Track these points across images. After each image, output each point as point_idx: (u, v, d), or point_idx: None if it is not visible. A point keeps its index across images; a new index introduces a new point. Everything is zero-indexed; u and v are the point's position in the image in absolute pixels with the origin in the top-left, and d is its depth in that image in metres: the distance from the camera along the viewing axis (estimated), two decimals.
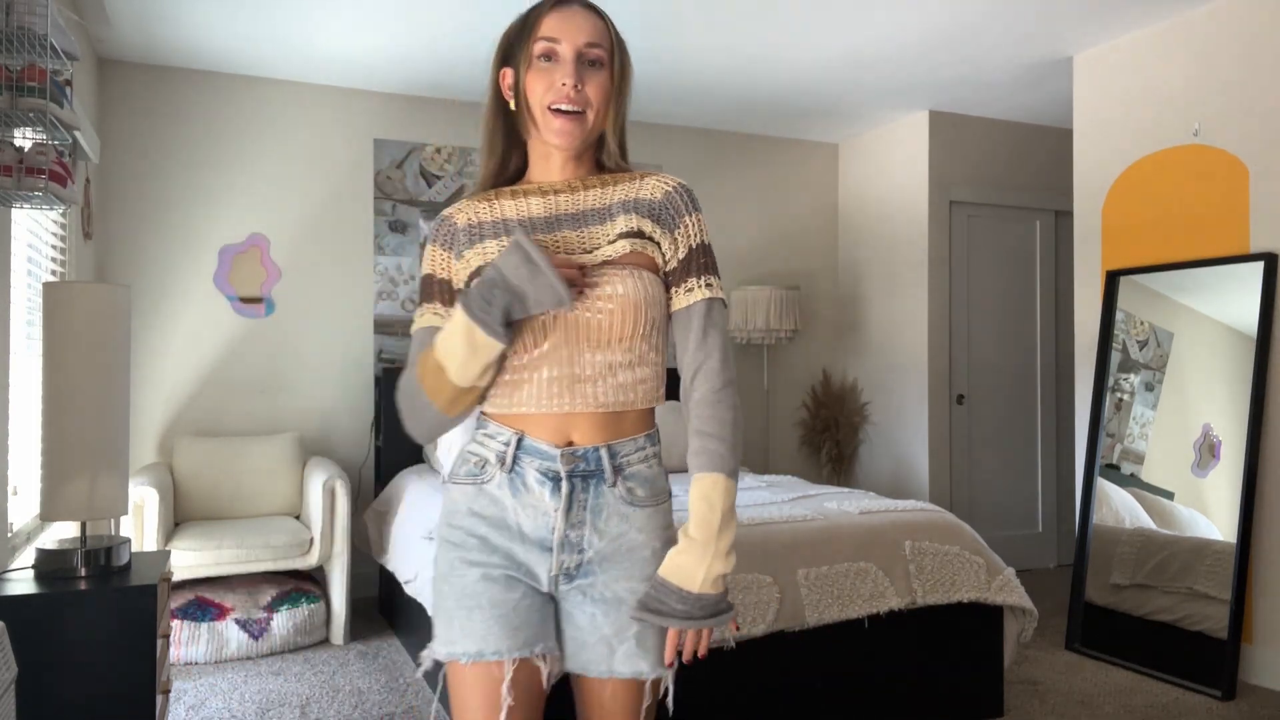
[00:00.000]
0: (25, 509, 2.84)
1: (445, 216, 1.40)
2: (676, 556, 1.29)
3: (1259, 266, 3.35)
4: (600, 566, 1.33)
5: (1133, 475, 3.68)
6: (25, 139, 2.37)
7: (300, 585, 3.83)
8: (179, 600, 3.60)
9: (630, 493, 1.33)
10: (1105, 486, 3.78)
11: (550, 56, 1.32)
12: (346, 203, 4.56)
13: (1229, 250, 3.49)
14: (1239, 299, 3.41)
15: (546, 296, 1.23)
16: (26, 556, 2.65)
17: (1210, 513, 3.39)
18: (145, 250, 4.21)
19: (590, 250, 1.34)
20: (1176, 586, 3.43)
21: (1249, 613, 3.36)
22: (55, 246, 3.26)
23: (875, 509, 3.03)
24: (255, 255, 4.39)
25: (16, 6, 2.07)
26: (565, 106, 1.31)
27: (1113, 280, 3.89)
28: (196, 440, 4.05)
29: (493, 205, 1.38)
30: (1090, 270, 4.07)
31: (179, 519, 3.95)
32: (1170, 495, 3.54)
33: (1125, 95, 3.92)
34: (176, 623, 3.53)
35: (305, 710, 3.07)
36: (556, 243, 1.34)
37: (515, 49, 1.36)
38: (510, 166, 1.43)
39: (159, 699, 2.26)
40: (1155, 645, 3.45)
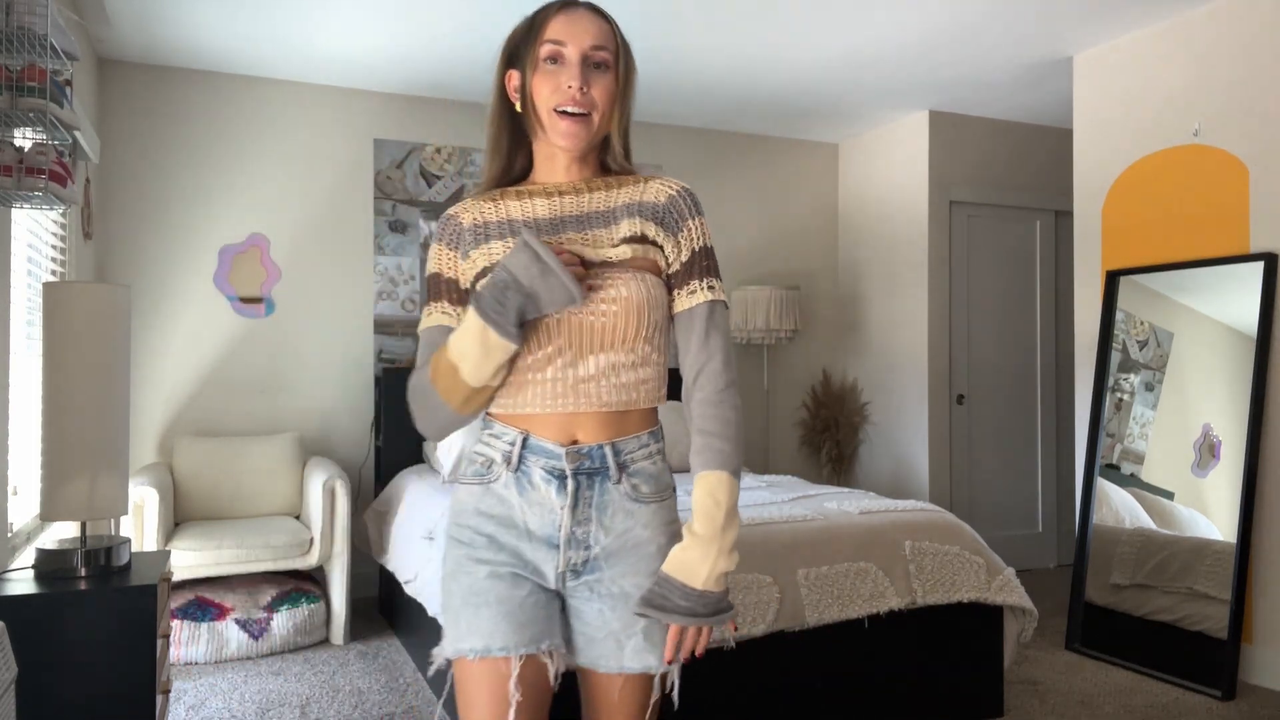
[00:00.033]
0: (25, 509, 2.84)
1: (450, 216, 1.41)
2: (681, 552, 1.30)
3: (1259, 266, 3.35)
4: (607, 563, 1.34)
5: (1133, 475, 3.68)
6: (25, 139, 2.37)
7: (300, 585, 3.83)
8: (179, 600, 3.60)
9: (635, 489, 1.35)
10: (1105, 486, 3.78)
11: (556, 59, 1.33)
12: (346, 203, 4.56)
13: (1229, 250, 3.49)
14: (1239, 299, 3.41)
15: (558, 295, 1.25)
16: (26, 556, 2.66)
17: (1210, 513, 3.39)
18: (145, 250, 4.21)
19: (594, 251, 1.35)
20: (1176, 586, 3.43)
21: (1249, 613, 3.36)
22: (55, 246, 3.26)
23: (875, 509, 3.03)
24: (255, 255, 4.39)
25: (16, 6, 2.07)
26: (571, 109, 1.32)
27: (1113, 280, 3.89)
28: (196, 440, 4.05)
29: (498, 205, 1.39)
30: (1090, 270, 4.07)
31: (179, 519, 3.95)
32: (1170, 495, 3.54)
33: (1125, 95, 3.92)
34: (176, 623, 3.53)
35: (305, 710, 3.07)
36: (560, 244, 1.35)
37: (521, 51, 1.37)
38: (515, 167, 1.44)
39: (159, 699, 2.26)
40: (1155, 645, 3.45)
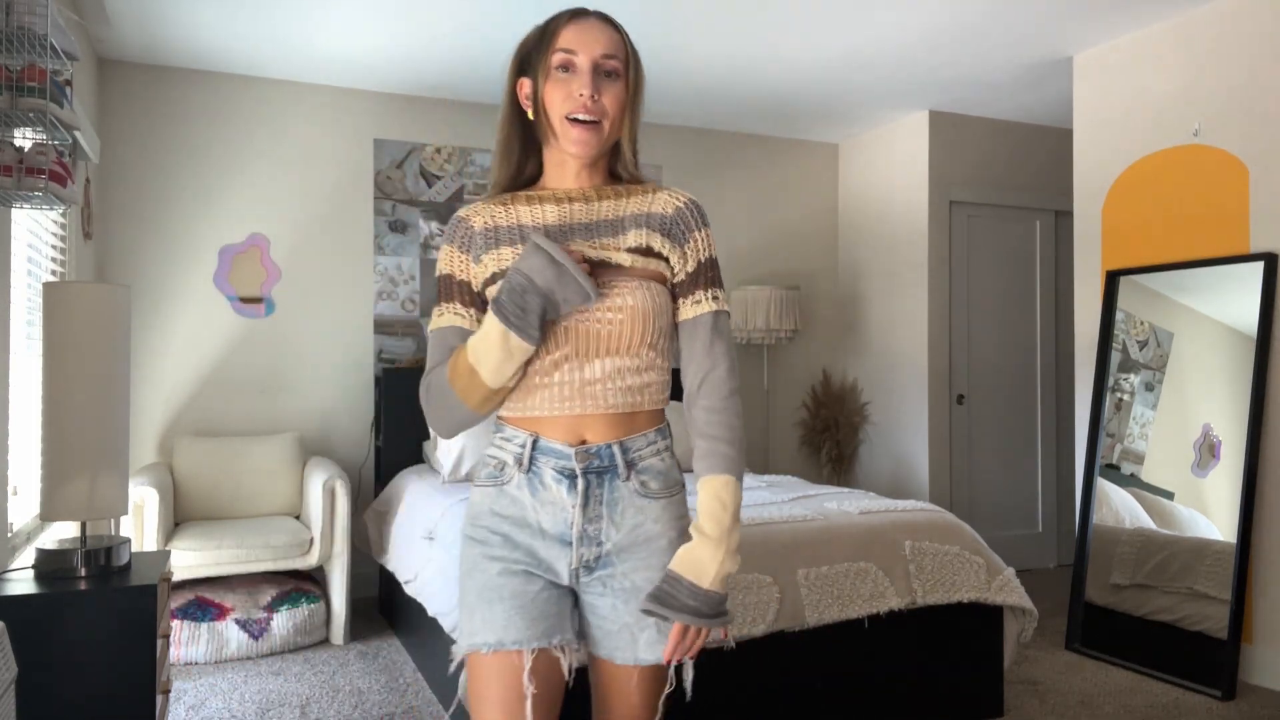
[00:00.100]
0: (25, 509, 2.84)
1: (461, 218, 1.43)
2: (689, 551, 1.34)
3: (1259, 266, 3.35)
4: (619, 558, 1.37)
5: (1133, 475, 3.68)
6: (25, 139, 2.37)
7: (300, 585, 3.83)
8: (179, 600, 3.60)
9: (644, 485, 1.38)
10: (1105, 486, 3.78)
11: (568, 68, 1.36)
12: (346, 203, 4.56)
13: (1229, 250, 3.49)
14: (1239, 299, 3.41)
15: (574, 295, 1.29)
16: (26, 556, 2.65)
17: (1210, 513, 3.39)
18: (145, 250, 4.21)
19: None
20: (1176, 586, 3.43)
21: (1249, 613, 3.36)
22: (55, 246, 3.26)
23: (875, 509, 3.03)
24: (255, 255, 4.39)
25: (16, 6, 2.07)
26: (583, 116, 1.35)
27: (1113, 280, 3.89)
28: (196, 440, 4.05)
29: (509, 210, 1.42)
30: (1090, 270, 4.07)
31: (179, 519, 3.95)
32: (1170, 495, 3.54)
33: (1125, 95, 3.92)
34: (176, 623, 3.53)
35: (305, 710, 3.07)
36: (567, 246, 1.38)
37: (533, 59, 1.40)
38: (525, 172, 1.47)
39: (159, 699, 2.26)
40: (1155, 645, 3.45)
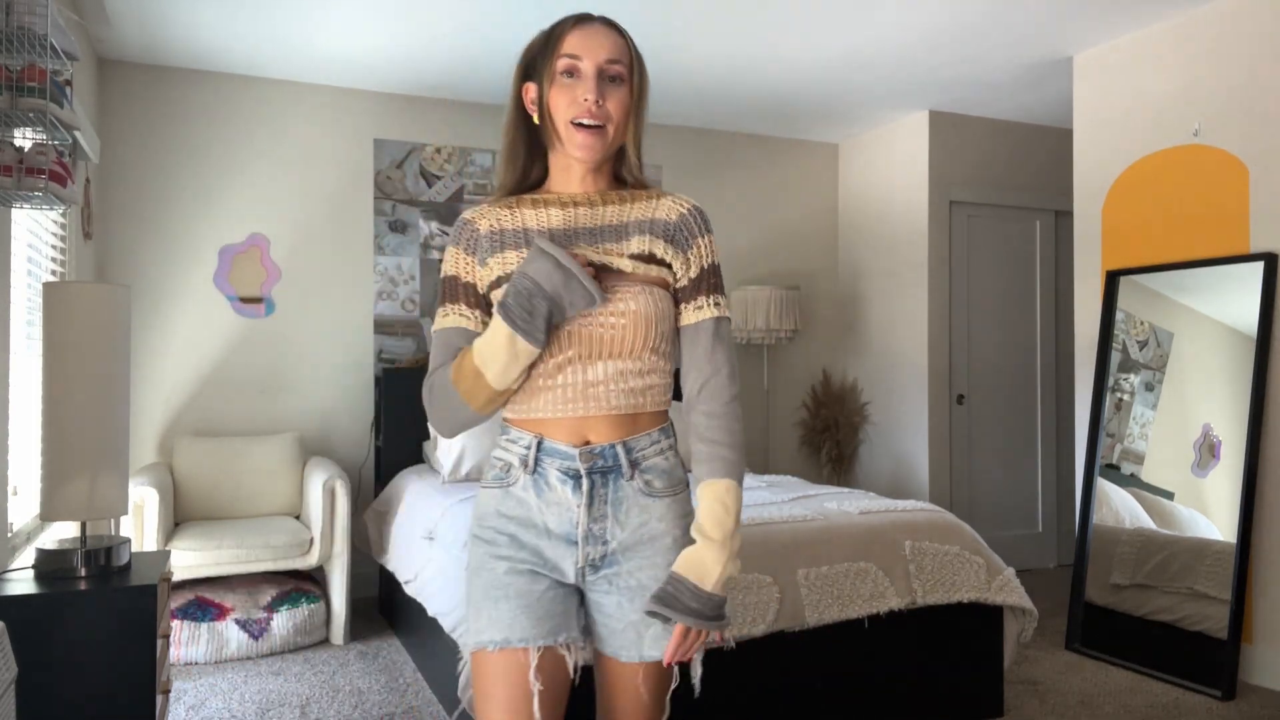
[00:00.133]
0: (25, 509, 2.84)
1: (468, 220, 1.45)
2: (693, 553, 1.35)
3: (1259, 266, 3.35)
4: (624, 556, 1.39)
5: (1133, 475, 3.68)
6: (25, 139, 2.37)
7: (300, 585, 3.83)
8: (179, 600, 3.60)
9: (648, 484, 1.39)
10: (1105, 486, 3.78)
11: (573, 73, 1.37)
12: (346, 203, 4.56)
13: (1229, 250, 3.49)
14: (1239, 299, 3.41)
15: (580, 299, 1.31)
16: (26, 556, 2.65)
17: (1210, 513, 3.39)
18: (145, 250, 4.21)
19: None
20: (1176, 586, 3.43)
21: (1249, 613, 3.36)
22: (55, 246, 3.26)
23: (875, 509, 3.03)
24: (255, 255, 4.39)
25: (16, 6, 2.07)
26: (587, 121, 1.36)
27: (1113, 280, 3.89)
28: (196, 440, 4.05)
29: (514, 213, 1.43)
30: (1090, 270, 4.07)
31: (179, 519, 3.95)
32: (1170, 495, 3.54)
33: (1125, 95, 3.92)
34: (176, 623, 3.53)
35: (305, 710, 3.07)
36: (571, 250, 1.39)
37: (538, 64, 1.41)
38: (531, 176, 1.49)
39: (159, 699, 2.26)
40: (1155, 645, 3.45)
